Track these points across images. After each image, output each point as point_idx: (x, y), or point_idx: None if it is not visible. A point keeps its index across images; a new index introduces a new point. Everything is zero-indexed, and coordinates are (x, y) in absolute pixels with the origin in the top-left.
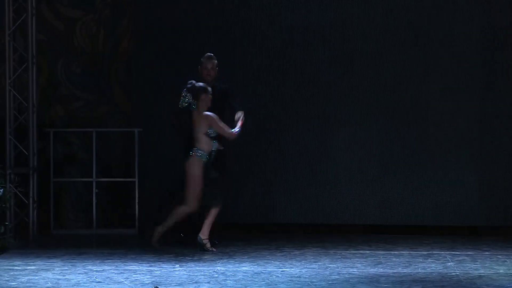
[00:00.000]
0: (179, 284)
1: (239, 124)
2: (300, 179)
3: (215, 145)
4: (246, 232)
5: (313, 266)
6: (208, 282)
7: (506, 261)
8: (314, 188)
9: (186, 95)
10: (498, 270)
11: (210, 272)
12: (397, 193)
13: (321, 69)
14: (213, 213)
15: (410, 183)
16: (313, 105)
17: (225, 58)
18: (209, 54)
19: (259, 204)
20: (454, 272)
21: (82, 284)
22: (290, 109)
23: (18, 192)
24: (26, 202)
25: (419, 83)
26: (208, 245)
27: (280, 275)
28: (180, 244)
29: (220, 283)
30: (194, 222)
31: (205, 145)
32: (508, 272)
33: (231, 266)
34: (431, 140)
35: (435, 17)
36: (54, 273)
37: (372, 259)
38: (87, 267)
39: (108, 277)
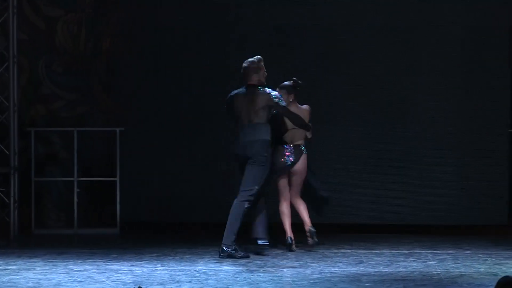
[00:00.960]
0: (161, 284)
1: None
2: None
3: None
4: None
5: (295, 265)
6: (190, 282)
7: (487, 259)
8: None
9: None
10: (479, 269)
11: (191, 272)
12: (379, 192)
13: (307, 68)
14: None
15: (391, 182)
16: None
17: (206, 58)
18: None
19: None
20: (435, 271)
21: (63, 284)
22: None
23: None
24: (7, 201)
25: (404, 83)
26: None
27: (261, 275)
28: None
29: (201, 283)
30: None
31: None
32: (489, 270)
33: (213, 266)
34: (413, 139)
35: (420, 18)
36: (35, 273)
37: (353, 258)
38: (68, 267)
39: (90, 277)
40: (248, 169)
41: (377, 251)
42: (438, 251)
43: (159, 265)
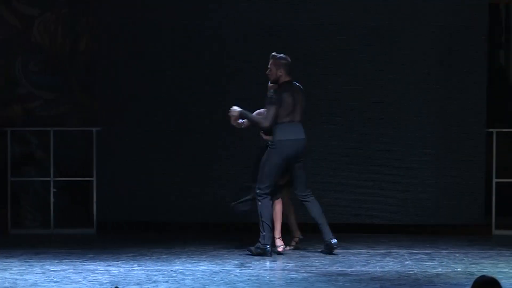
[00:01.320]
0: (137, 284)
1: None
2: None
3: None
4: (204, 231)
5: (272, 265)
6: (167, 282)
7: (463, 259)
8: None
9: None
10: (456, 268)
11: (168, 272)
12: (357, 191)
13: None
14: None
15: (369, 182)
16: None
17: (185, 57)
18: (272, 54)
19: (217, 203)
20: (412, 271)
21: (39, 284)
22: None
23: None
24: None
25: (384, 83)
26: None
27: (238, 274)
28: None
29: (178, 283)
30: None
31: None
32: (466, 270)
33: (190, 265)
34: (391, 139)
35: (399, 18)
36: (11, 273)
37: (330, 257)
38: (44, 267)
39: (66, 277)
40: (301, 169)
41: (354, 251)
42: (414, 251)
43: (136, 265)
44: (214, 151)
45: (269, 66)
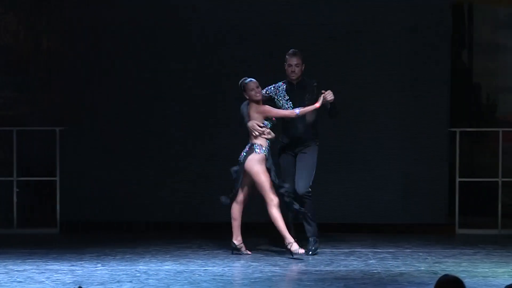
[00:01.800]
0: (101, 284)
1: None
2: (223, 178)
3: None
4: (168, 231)
5: (236, 264)
6: (130, 281)
7: (427, 258)
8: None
9: None
10: (419, 267)
11: (132, 271)
12: (321, 190)
13: (257, 69)
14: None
15: (332, 181)
16: (229, 105)
17: (149, 56)
18: (293, 50)
19: (182, 203)
20: (376, 270)
21: (2, 284)
22: (220, 109)
23: None
24: None
25: (347, 84)
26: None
27: (202, 274)
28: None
29: (142, 282)
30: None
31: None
32: (429, 269)
33: (153, 265)
34: (355, 140)
35: (365, 18)
36: None
37: (294, 257)
38: (7, 267)
39: (29, 277)
40: None
41: (318, 250)
42: (378, 250)
43: (100, 265)
44: (178, 151)
45: (297, 62)
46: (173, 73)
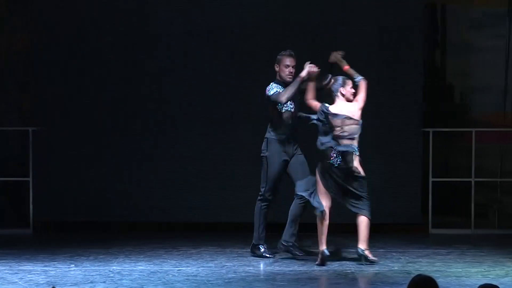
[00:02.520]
0: (75, 284)
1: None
2: (198, 178)
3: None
4: (142, 231)
5: (210, 265)
6: (104, 282)
7: (400, 258)
8: (210, 186)
9: None
10: (393, 267)
11: (105, 272)
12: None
13: (223, 69)
14: None
15: None
16: (212, 104)
17: (123, 57)
18: (289, 50)
19: (156, 203)
20: (350, 270)
21: None
22: (187, 108)
23: None
24: None
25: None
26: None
27: (176, 274)
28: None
29: (116, 283)
30: None
31: None
32: (403, 269)
33: (127, 266)
34: None
35: (338, 18)
36: None
37: (268, 257)
38: None
39: (2, 277)
40: None
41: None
42: (352, 250)
43: (73, 265)
44: (152, 150)
45: (294, 64)
46: (147, 73)
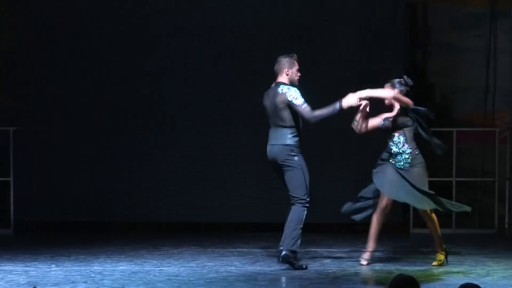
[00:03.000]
0: (56, 284)
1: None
2: (179, 178)
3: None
4: (123, 231)
5: (191, 264)
6: (85, 282)
7: (382, 257)
8: (190, 187)
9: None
10: (374, 266)
11: (87, 272)
12: (277, 191)
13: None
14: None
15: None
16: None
17: (104, 58)
18: (294, 54)
19: (138, 203)
20: (331, 269)
21: None
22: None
23: None
24: None
25: (302, 83)
26: None
27: (158, 274)
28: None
29: (97, 283)
30: None
31: None
32: (384, 268)
33: (108, 266)
34: (310, 137)
35: (319, 17)
36: None
37: (250, 257)
38: None
39: None
40: (284, 175)
41: (273, 250)
42: (334, 250)
43: (54, 265)
44: (132, 150)
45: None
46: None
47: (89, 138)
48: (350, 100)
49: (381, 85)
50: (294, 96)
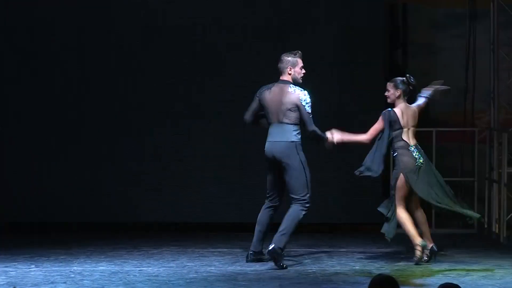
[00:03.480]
0: (35, 285)
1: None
2: (158, 177)
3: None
4: (103, 231)
5: (171, 265)
6: (65, 282)
7: (361, 257)
8: (170, 186)
9: None
10: (354, 266)
11: (66, 272)
12: (256, 191)
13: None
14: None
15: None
16: (169, 101)
17: (75, 58)
18: (299, 51)
19: (118, 203)
20: (311, 269)
21: None
22: (147, 105)
23: None
24: None
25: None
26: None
27: (137, 274)
28: None
29: (77, 283)
30: None
31: None
32: (364, 268)
33: (88, 266)
34: None
35: (300, 17)
36: None
37: (230, 257)
38: None
39: None
40: (284, 174)
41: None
42: (313, 250)
43: (34, 266)
44: (110, 150)
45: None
46: (100, 71)
47: (63, 139)
48: (336, 137)
49: (361, 85)
50: (307, 101)
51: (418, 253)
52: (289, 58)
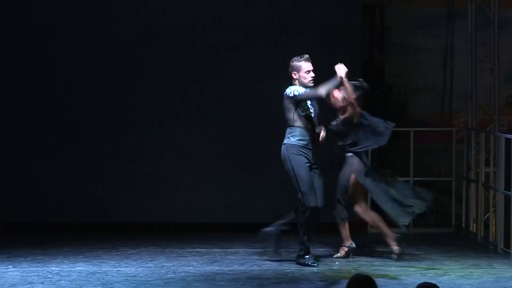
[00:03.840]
0: (12, 285)
1: None
2: (138, 177)
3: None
4: (81, 232)
5: (149, 265)
6: (42, 283)
7: (339, 257)
8: (150, 186)
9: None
10: (332, 266)
11: (44, 273)
12: (234, 191)
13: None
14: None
15: (245, 182)
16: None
17: (73, 58)
18: (306, 55)
19: (94, 203)
20: (289, 269)
21: None
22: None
23: None
24: None
25: (263, 82)
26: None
27: (115, 275)
28: None
29: (54, 284)
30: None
31: None
32: (342, 268)
33: (66, 266)
34: (272, 136)
35: (276, 17)
36: None
37: (208, 257)
38: None
39: None
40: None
41: (231, 250)
42: (291, 249)
43: (11, 266)
44: (96, 151)
45: (313, 68)
46: (100, 71)
47: (52, 140)
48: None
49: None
50: (292, 90)
51: (395, 248)
52: (293, 63)
